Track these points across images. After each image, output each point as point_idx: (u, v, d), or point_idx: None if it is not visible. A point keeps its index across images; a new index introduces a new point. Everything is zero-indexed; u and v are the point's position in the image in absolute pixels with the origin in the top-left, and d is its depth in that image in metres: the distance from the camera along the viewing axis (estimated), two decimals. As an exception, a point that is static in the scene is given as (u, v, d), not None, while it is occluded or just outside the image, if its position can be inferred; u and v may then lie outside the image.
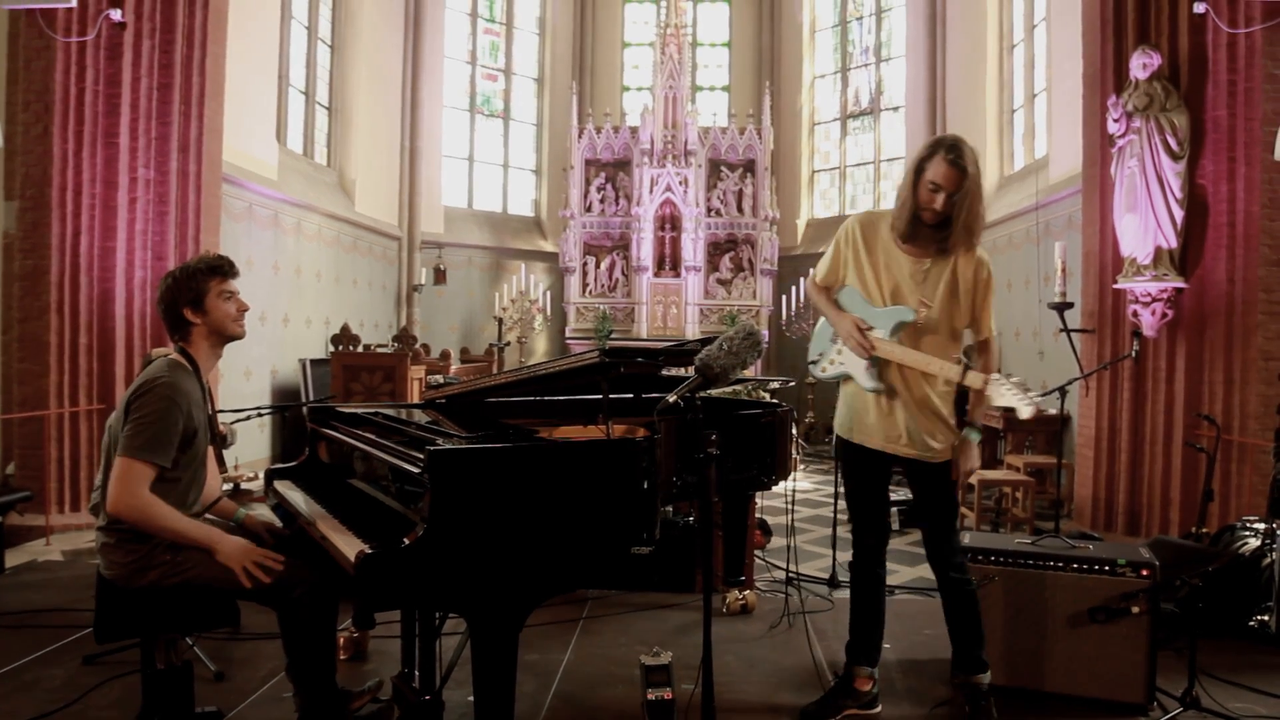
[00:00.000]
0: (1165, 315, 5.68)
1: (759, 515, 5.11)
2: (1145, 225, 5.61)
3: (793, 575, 4.74)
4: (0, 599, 4.28)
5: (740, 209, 12.42)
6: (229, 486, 6.86)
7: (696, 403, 2.40)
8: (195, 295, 2.67)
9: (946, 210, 2.83)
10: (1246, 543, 4.14)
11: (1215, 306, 5.54)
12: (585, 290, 12.51)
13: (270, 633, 3.02)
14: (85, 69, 5.80)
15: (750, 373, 9.59)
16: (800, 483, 8.06)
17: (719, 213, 12.43)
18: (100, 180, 5.88)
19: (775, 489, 3.92)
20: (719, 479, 2.37)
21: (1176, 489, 5.68)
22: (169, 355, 2.68)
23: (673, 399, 2.37)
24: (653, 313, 12.17)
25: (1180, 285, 5.65)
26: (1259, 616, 3.93)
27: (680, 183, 12.07)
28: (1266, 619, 3.90)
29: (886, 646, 3.32)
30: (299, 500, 2.94)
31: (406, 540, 2.13)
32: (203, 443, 2.67)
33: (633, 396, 3.50)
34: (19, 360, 5.84)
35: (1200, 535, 4.64)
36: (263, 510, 2.96)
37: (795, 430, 4.26)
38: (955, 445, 2.98)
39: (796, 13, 14.19)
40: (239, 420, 3.83)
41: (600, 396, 2.59)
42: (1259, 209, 5.41)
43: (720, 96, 14.68)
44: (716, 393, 4.34)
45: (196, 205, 6.29)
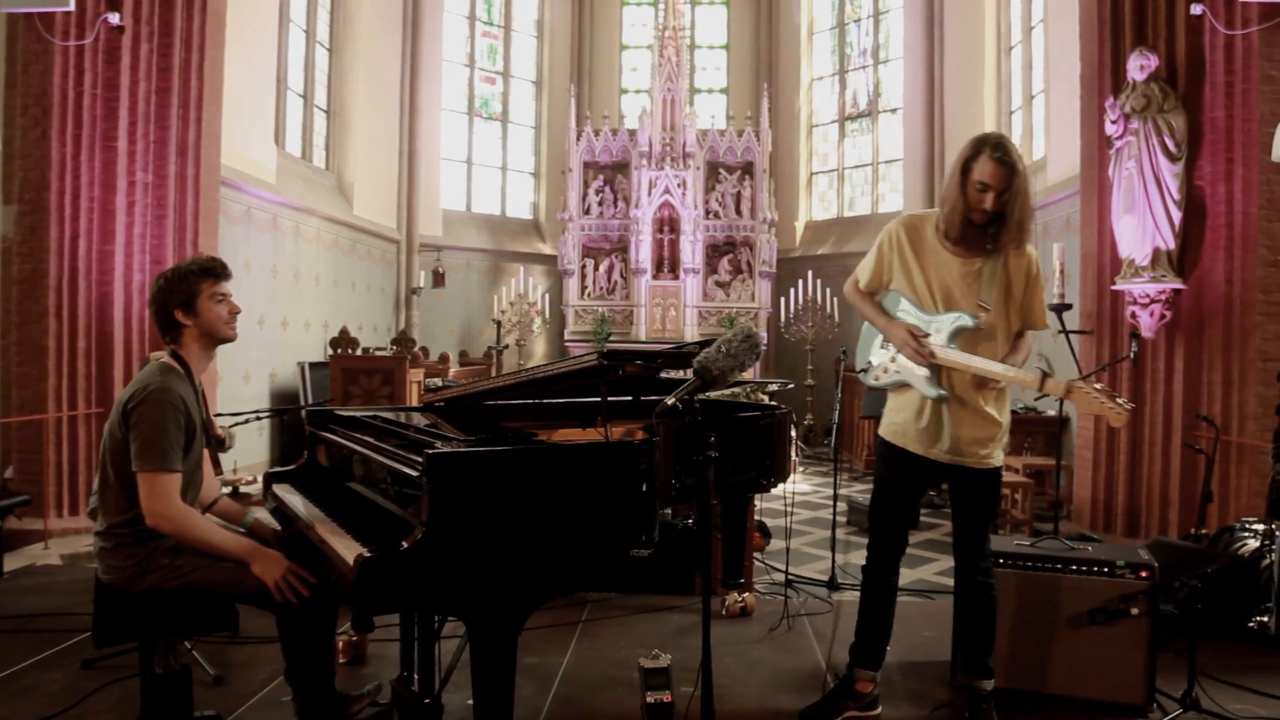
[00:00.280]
0: (1163, 316, 5.69)
1: (758, 517, 5.11)
2: (1143, 226, 5.62)
3: (792, 577, 4.74)
4: (-2, 603, 4.28)
5: (738, 211, 12.43)
6: (227, 489, 6.85)
7: (695, 405, 2.40)
8: (187, 297, 2.64)
9: (997, 209, 2.79)
10: (1245, 544, 4.14)
11: (1213, 308, 5.54)
12: (584, 293, 12.51)
13: (269, 636, 3.01)
14: (83, 72, 5.80)
15: (749, 375, 9.59)
16: (799, 485, 8.05)
17: (717, 215, 12.43)
18: (98, 184, 5.88)
19: (774, 491, 3.91)
20: (718, 481, 2.37)
21: (1175, 490, 5.68)
22: (160, 359, 2.67)
23: (671, 401, 2.37)
24: (651, 315, 12.17)
25: (1178, 286, 5.66)
26: (1258, 617, 3.93)
27: (678, 185, 12.08)
28: (1266, 620, 3.89)
29: (886, 648, 3.32)
30: (298, 504, 2.93)
31: (405, 543, 2.13)
32: (199, 445, 2.66)
33: (631, 399, 3.50)
34: (17, 364, 5.84)
35: (1199, 536, 4.63)
36: (261, 513, 2.96)
37: (794, 432, 4.26)
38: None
39: (794, 15, 14.20)
40: (238, 423, 3.81)
41: (599, 399, 2.59)
42: (1257, 210, 5.42)
43: (718, 99, 14.70)
44: (715, 395, 4.34)
45: (195, 209, 6.29)
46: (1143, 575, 3.15)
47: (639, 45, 14.69)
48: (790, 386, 5.29)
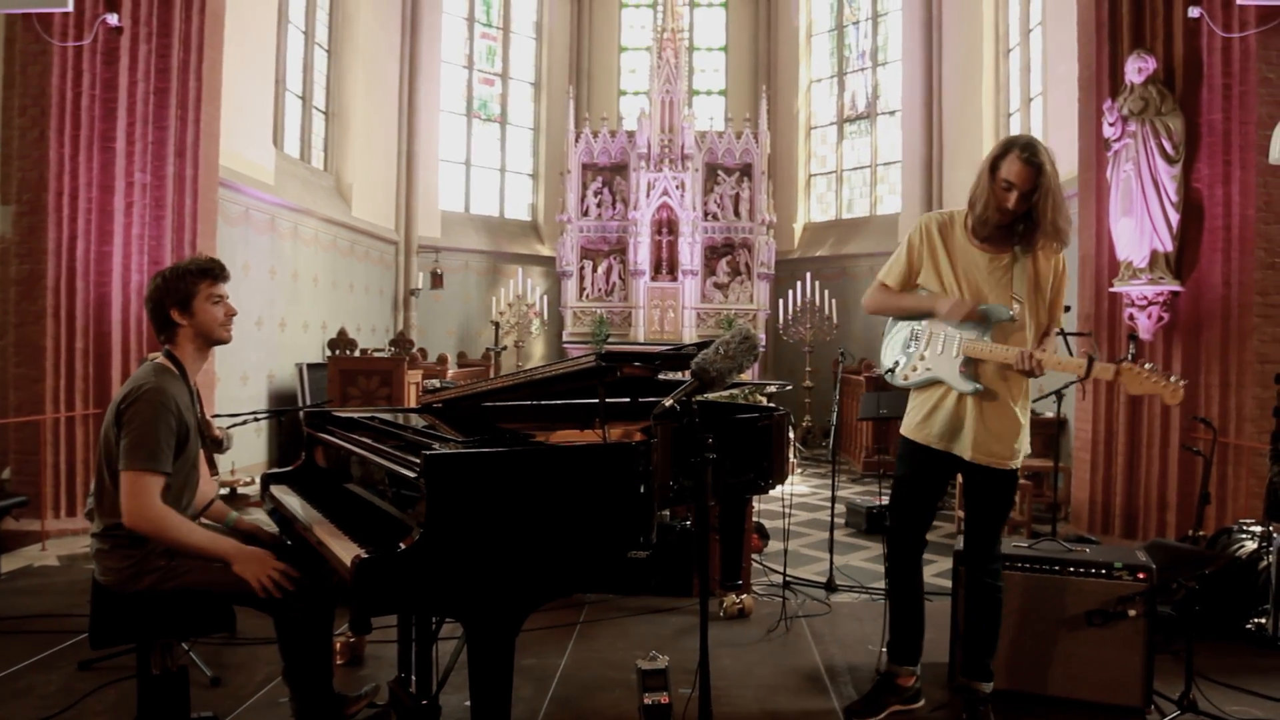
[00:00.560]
0: (1161, 318, 5.69)
1: (756, 519, 5.11)
2: (1141, 229, 5.63)
3: (790, 579, 4.74)
4: (-5, 604, 4.27)
5: (737, 213, 12.43)
6: (225, 491, 6.85)
7: (693, 406, 2.40)
8: (183, 297, 2.63)
9: (1020, 209, 2.84)
10: (1243, 545, 4.15)
11: (1211, 310, 5.55)
12: (582, 294, 12.51)
13: (266, 638, 3.01)
14: (81, 73, 5.80)
15: (747, 377, 9.59)
16: (797, 486, 8.06)
17: (716, 217, 12.43)
18: (96, 185, 5.88)
19: (772, 493, 3.91)
20: (715, 483, 2.37)
21: (1173, 492, 5.68)
22: (155, 359, 2.66)
23: (669, 403, 2.37)
24: (650, 317, 12.17)
25: (1176, 289, 5.66)
26: (1256, 619, 3.93)
27: (677, 187, 12.08)
28: (1263, 621, 3.90)
29: (882, 650, 3.32)
30: (295, 505, 2.93)
31: (402, 545, 2.13)
32: (194, 446, 2.66)
33: (629, 401, 3.50)
34: (15, 365, 5.83)
35: (1197, 538, 4.64)
36: (258, 515, 2.95)
37: (792, 434, 4.26)
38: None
39: (793, 17, 14.21)
40: (235, 425, 3.81)
41: (597, 400, 2.59)
42: (1254, 212, 5.43)
43: (717, 100, 14.71)
44: (713, 396, 4.34)
45: (193, 210, 6.28)
46: (1140, 577, 3.16)
47: (638, 47, 14.70)
48: (788, 388, 5.29)
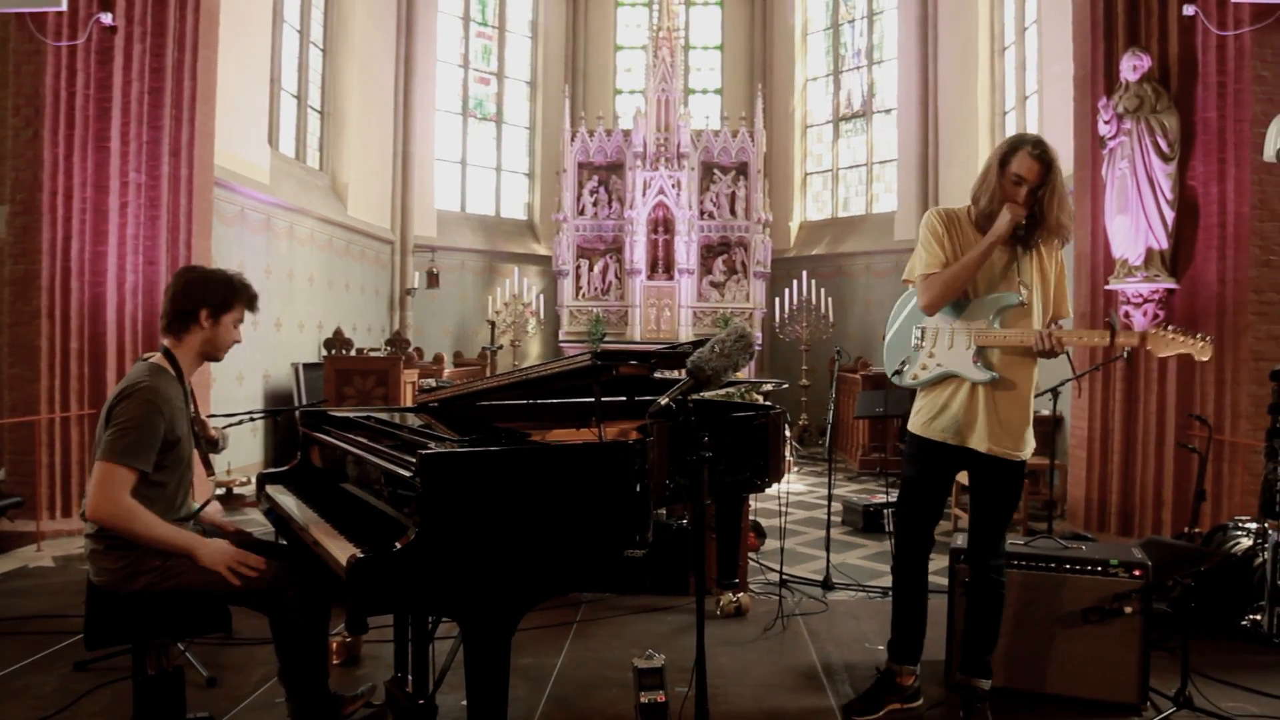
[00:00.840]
0: (1157, 316, 5.70)
1: (752, 518, 5.11)
2: (1136, 226, 5.64)
3: (786, 577, 4.74)
4: (-10, 605, 4.26)
5: (733, 211, 12.44)
6: (221, 491, 6.84)
7: (689, 405, 2.40)
8: (220, 305, 2.68)
9: (1029, 203, 2.88)
10: (1238, 542, 4.16)
11: (1206, 307, 5.56)
12: (578, 293, 12.51)
13: (262, 638, 3.01)
14: (75, 73, 5.78)
15: (743, 375, 9.60)
16: (794, 485, 8.06)
17: (712, 215, 12.43)
18: (91, 184, 5.86)
19: (769, 491, 3.91)
20: (712, 481, 2.38)
21: (1169, 489, 5.69)
22: (151, 358, 2.66)
23: (665, 401, 2.37)
24: (646, 315, 12.17)
25: (1171, 286, 5.67)
26: (1251, 616, 3.94)
27: (673, 185, 12.08)
28: (1259, 618, 3.91)
29: (879, 648, 3.32)
30: (291, 505, 2.93)
31: (398, 544, 2.13)
32: (187, 447, 2.65)
33: (626, 399, 3.50)
34: (10, 365, 5.82)
35: (1192, 535, 4.65)
36: (254, 515, 2.95)
37: (788, 432, 4.26)
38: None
39: (788, 16, 14.22)
40: (231, 424, 3.80)
41: (593, 399, 2.58)
42: (1249, 210, 5.44)
43: (713, 99, 14.71)
44: (709, 395, 4.34)
45: (188, 209, 6.27)
46: (1136, 574, 3.16)
47: (633, 46, 14.69)
48: (785, 387, 5.30)
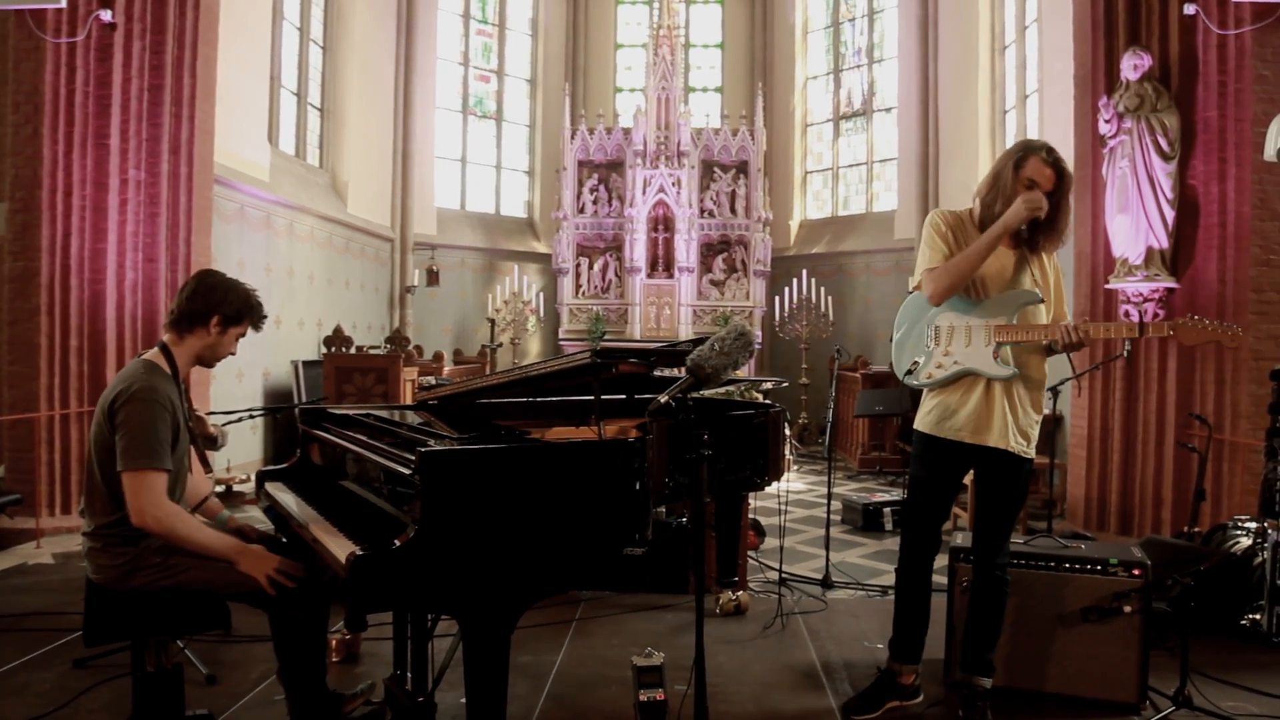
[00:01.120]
0: (1157, 315, 5.70)
1: (752, 516, 5.11)
2: (1136, 226, 5.64)
3: (786, 576, 4.75)
4: (-10, 603, 4.26)
5: (733, 210, 12.42)
6: (220, 489, 6.84)
7: (689, 403, 2.40)
8: (234, 317, 2.73)
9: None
10: (1238, 542, 4.16)
11: (1206, 306, 5.56)
12: (578, 291, 12.50)
13: (261, 635, 3.01)
14: (75, 70, 5.77)
15: (743, 373, 9.59)
16: (793, 484, 8.06)
17: (712, 214, 12.42)
18: (90, 182, 5.85)
19: (768, 490, 3.91)
20: (711, 479, 2.37)
21: (1168, 488, 5.69)
22: (146, 355, 2.65)
23: (664, 399, 2.37)
24: (646, 314, 12.16)
25: (1172, 285, 5.67)
26: (1250, 615, 3.94)
27: (673, 184, 12.06)
28: (1258, 618, 3.91)
29: (879, 647, 3.33)
30: (291, 502, 2.92)
31: (397, 542, 2.13)
32: (184, 443, 2.65)
33: (625, 397, 3.50)
34: (9, 363, 5.82)
35: (1192, 534, 4.65)
36: (254, 512, 2.95)
37: (788, 431, 4.26)
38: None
39: (789, 14, 14.21)
40: (231, 422, 3.80)
41: (592, 397, 2.58)
42: (1249, 209, 5.44)
43: (713, 98, 14.69)
44: (709, 393, 4.33)
45: (188, 207, 6.27)
46: (1135, 573, 3.16)
47: (634, 44, 14.67)
48: (784, 385, 5.28)
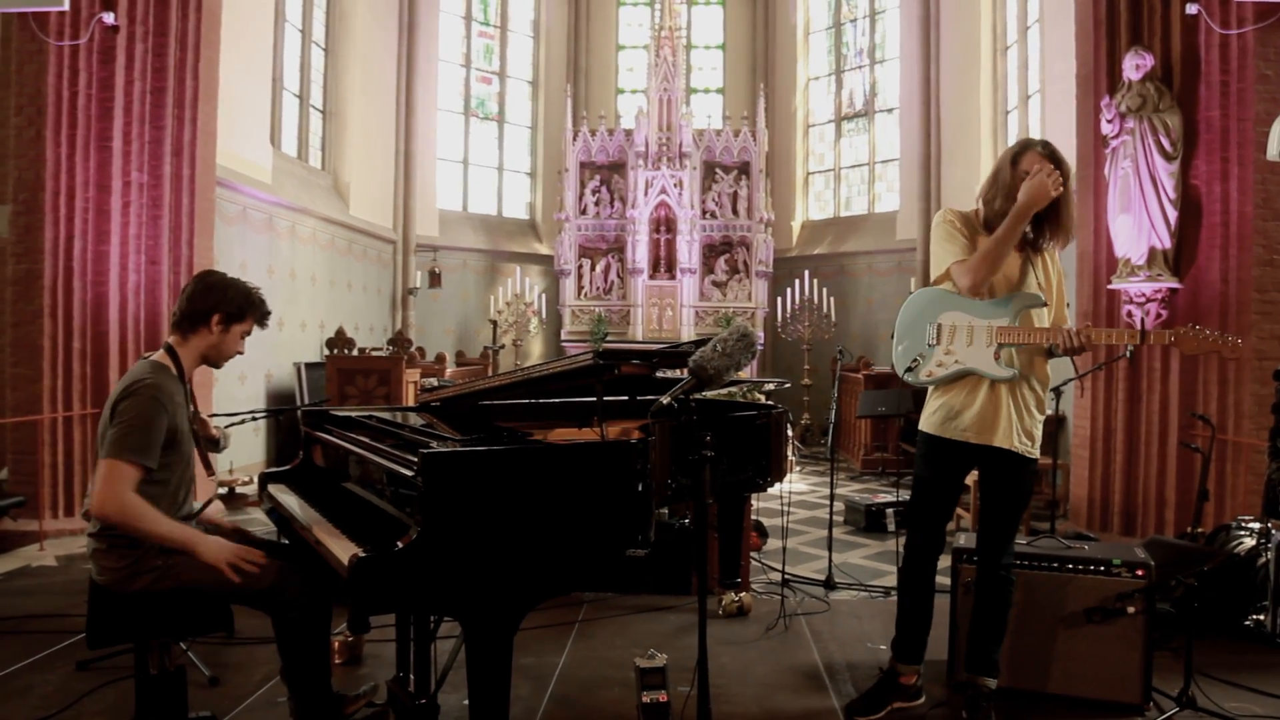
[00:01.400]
0: (1160, 315, 5.69)
1: (754, 517, 5.11)
2: (1139, 226, 5.63)
3: (789, 577, 4.74)
4: (-7, 605, 4.27)
5: (735, 211, 12.43)
6: (223, 490, 6.84)
7: (691, 404, 2.39)
8: (234, 314, 2.72)
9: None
10: (1242, 542, 4.15)
11: (1209, 306, 5.55)
12: (580, 293, 12.51)
13: (265, 637, 3.01)
14: (78, 72, 5.78)
15: (745, 374, 9.58)
16: (796, 484, 8.06)
17: (714, 215, 12.42)
18: (93, 184, 5.86)
19: (771, 491, 3.91)
20: (714, 481, 2.37)
21: (1172, 489, 5.68)
22: (152, 356, 2.66)
23: (667, 401, 2.36)
24: (648, 315, 12.17)
25: (1174, 285, 5.67)
26: (1254, 616, 3.93)
27: (675, 185, 12.07)
28: (1262, 618, 3.90)
29: (881, 648, 3.32)
30: (293, 504, 2.93)
31: (400, 544, 2.13)
32: (187, 446, 2.65)
33: (627, 399, 3.49)
34: (12, 365, 5.82)
35: (1195, 535, 4.64)
36: (257, 514, 2.95)
37: (790, 432, 4.25)
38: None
39: (790, 15, 14.21)
40: (233, 424, 3.80)
41: (595, 399, 2.58)
42: (1252, 209, 5.43)
43: (715, 99, 14.69)
44: (711, 394, 4.33)
45: (190, 209, 6.27)
46: (1139, 574, 3.16)
47: (635, 45, 14.68)
48: (787, 386, 5.28)
